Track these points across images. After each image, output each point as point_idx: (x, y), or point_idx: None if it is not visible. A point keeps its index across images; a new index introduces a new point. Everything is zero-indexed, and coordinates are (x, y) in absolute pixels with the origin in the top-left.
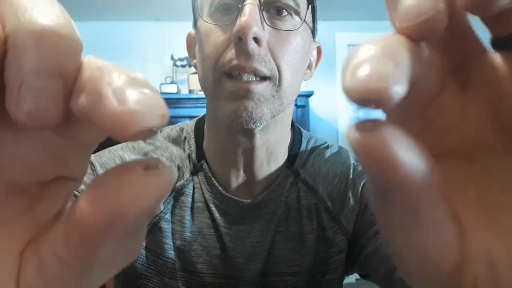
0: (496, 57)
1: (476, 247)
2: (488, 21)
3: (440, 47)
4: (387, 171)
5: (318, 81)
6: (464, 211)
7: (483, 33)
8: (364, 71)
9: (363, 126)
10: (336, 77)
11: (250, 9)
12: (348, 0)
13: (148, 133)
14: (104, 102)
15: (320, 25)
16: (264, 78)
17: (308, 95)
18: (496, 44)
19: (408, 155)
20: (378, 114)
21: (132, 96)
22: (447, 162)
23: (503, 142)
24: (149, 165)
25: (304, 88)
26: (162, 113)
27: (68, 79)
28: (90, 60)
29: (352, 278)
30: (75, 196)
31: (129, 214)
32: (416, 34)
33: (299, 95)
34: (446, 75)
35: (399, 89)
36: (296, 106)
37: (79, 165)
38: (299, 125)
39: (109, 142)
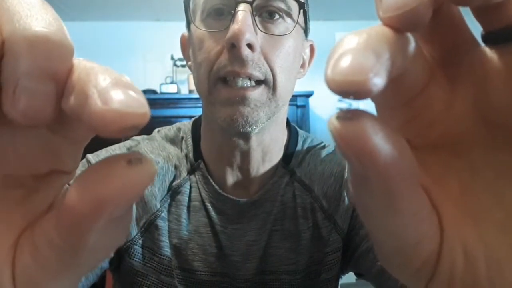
0: (487, 52)
1: (453, 238)
2: (479, 16)
3: (430, 39)
4: (364, 159)
5: (318, 81)
6: (445, 203)
7: (476, 28)
8: (344, 63)
9: (344, 115)
10: None
11: (243, 15)
12: (348, 0)
13: (130, 130)
14: (90, 102)
15: (320, 25)
16: (258, 82)
17: (308, 95)
18: (487, 38)
19: (385, 145)
20: (364, 103)
21: (116, 96)
22: (432, 155)
23: (488, 137)
24: (131, 158)
25: (304, 88)
26: (142, 112)
27: (60, 81)
28: (79, 63)
29: (352, 278)
30: None
31: (113, 202)
32: (399, 24)
33: (299, 95)
34: (435, 67)
35: (377, 82)
36: (296, 106)
37: (71, 159)
38: (299, 125)
39: (103, 139)
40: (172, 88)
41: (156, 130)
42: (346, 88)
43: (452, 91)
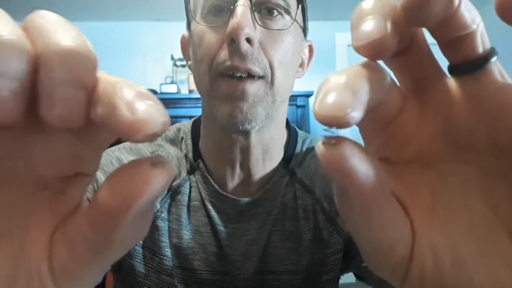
0: (452, 82)
1: (424, 242)
2: (444, 51)
3: (404, 71)
4: (343, 177)
5: (318, 81)
6: (416, 211)
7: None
8: (328, 101)
9: (328, 142)
10: None
11: (242, 10)
12: (348, 0)
13: (153, 137)
14: (118, 113)
15: (320, 25)
16: (257, 77)
17: (308, 95)
18: (452, 70)
19: (361, 165)
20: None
21: (141, 107)
22: (407, 168)
23: (454, 152)
24: (154, 161)
25: (304, 88)
26: (164, 121)
27: (88, 88)
28: (103, 76)
29: (352, 278)
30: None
31: (140, 198)
32: (368, 52)
33: (299, 95)
34: (408, 95)
35: (355, 115)
36: (296, 106)
37: (93, 162)
38: (299, 125)
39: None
40: (172, 88)
41: None
42: (329, 121)
43: (423, 115)
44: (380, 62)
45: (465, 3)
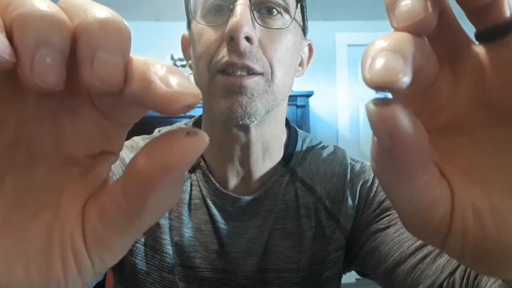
0: (480, 49)
1: (463, 199)
2: (472, 19)
3: (435, 41)
4: (394, 134)
5: (318, 81)
6: (454, 173)
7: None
8: (378, 66)
9: (379, 101)
10: (336, 77)
11: (241, 9)
12: (348, 0)
13: (187, 109)
14: (154, 86)
15: (320, 25)
16: (256, 73)
17: (308, 95)
18: (479, 37)
19: (409, 125)
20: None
21: (174, 81)
22: (441, 135)
23: (486, 118)
24: (189, 131)
25: (304, 88)
26: (196, 93)
27: (125, 55)
28: (133, 57)
29: (352, 278)
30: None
31: (176, 164)
32: (410, 32)
33: (299, 95)
34: (442, 64)
35: (406, 80)
36: (296, 106)
37: (118, 142)
38: (299, 125)
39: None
40: None
41: (157, 129)
42: (382, 86)
43: (456, 83)
44: None
45: None
